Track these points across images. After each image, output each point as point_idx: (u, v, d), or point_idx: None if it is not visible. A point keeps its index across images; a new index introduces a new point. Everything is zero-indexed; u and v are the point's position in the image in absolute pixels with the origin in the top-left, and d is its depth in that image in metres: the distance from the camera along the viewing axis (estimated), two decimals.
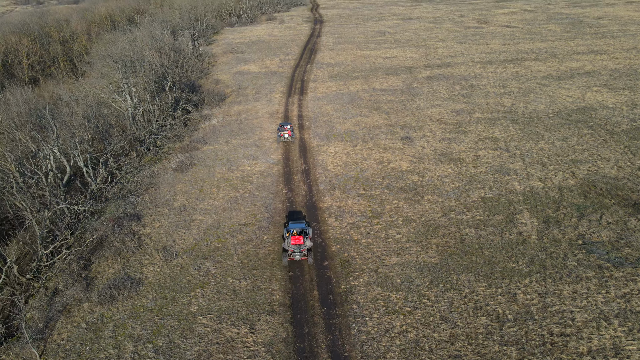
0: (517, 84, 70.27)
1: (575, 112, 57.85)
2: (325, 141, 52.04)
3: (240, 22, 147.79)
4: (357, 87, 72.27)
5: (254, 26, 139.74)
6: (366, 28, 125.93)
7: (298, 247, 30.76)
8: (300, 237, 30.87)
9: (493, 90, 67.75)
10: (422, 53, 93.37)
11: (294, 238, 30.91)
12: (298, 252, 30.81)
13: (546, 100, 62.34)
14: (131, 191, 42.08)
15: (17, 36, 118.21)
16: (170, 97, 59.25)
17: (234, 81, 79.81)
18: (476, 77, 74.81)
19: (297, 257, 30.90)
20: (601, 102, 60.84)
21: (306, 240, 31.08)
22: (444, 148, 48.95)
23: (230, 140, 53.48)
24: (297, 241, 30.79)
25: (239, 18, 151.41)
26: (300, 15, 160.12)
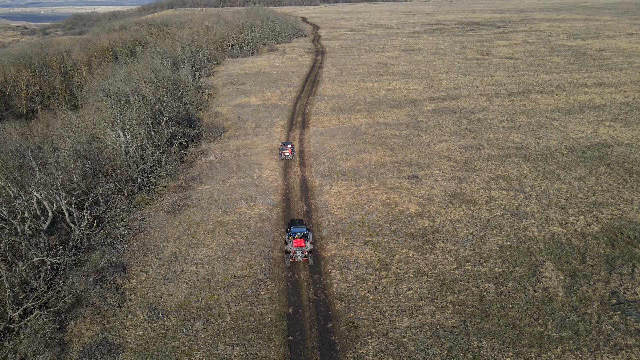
0: (525, 118, 67.88)
1: (590, 148, 55.14)
2: (327, 180, 49.15)
3: (242, 54, 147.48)
4: (361, 120, 69.93)
5: (256, 57, 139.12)
6: (368, 59, 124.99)
7: (299, 249, 33.64)
8: (301, 240, 33.79)
9: (501, 125, 65.30)
10: (426, 85, 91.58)
11: (296, 241, 33.83)
12: (299, 254, 33.67)
13: (558, 136, 59.75)
14: (118, 237, 38.95)
15: (17, 67, 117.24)
16: (166, 132, 56.78)
17: (234, 114, 77.63)
18: (483, 111, 72.55)
19: (298, 258, 33.79)
20: (615, 138, 58.22)
21: (307, 243, 33.94)
22: (454, 188, 45.99)
23: (228, 178, 50.63)
24: (299, 244, 33.72)
25: (240, 49, 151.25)
26: (301, 46, 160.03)
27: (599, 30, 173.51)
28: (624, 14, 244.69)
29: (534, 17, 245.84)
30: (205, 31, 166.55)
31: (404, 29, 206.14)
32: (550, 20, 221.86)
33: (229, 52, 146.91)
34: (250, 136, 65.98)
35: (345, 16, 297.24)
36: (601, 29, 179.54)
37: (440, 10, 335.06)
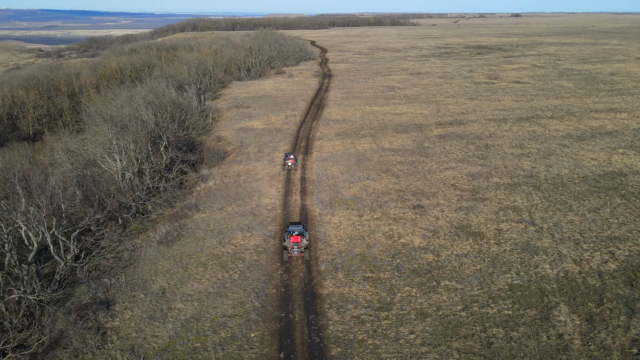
0: (535, 144, 65.82)
1: (603, 177, 52.84)
2: (328, 209, 47.23)
3: (249, 76, 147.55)
4: (365, 146, 68.28)
5: (262, 80, 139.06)
6: (375, 83, 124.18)
7: (296, 244, 37.04)
8: (298, 237, 37.10)
9: (510, 151, 63.26)
10: (433, 109, 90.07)
11: (293, 238, 37.10)
12: (296, 249, 37.06)
13: (569, 164, 57.54)
14: (107, 269, 37.14)
15: (25, 90, 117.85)
16: (165, 157, 55.46)
17: (237, 138, 76.41)
18: (491, 136, 70.63)
19: (295, 253, 37.21)
20: (630, 167, 55.90)
21: (303, 240, 37.26)
22: (460, 219, 43.81)
23: (225, 206, 48.90)
24: (296, 240, 37.03)
25: (247, 72, 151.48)
26: (309, 69, 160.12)
27: (608, 55, 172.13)
28: (634, 38, 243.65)
29: (542, 41, 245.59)
30: (213, 54, 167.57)
31: (411, 52, 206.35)
32: (558, 44, 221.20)
33: (236, 75, 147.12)
34: (251, 161, 64.50)
35: (354, 40, 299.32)
36: (610, 53, 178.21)
37: (448, 34, 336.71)
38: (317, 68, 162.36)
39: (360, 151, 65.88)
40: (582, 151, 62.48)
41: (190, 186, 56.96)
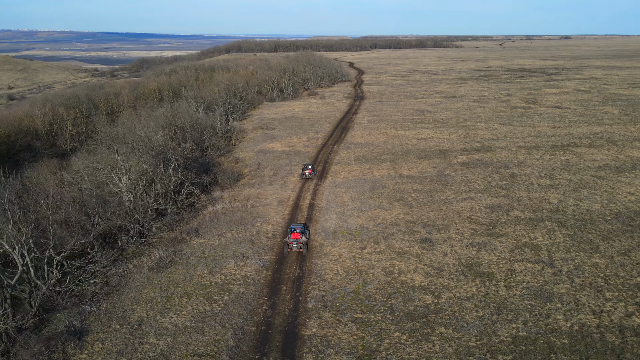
0: (566, 175, 61.09)
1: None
2: (331, 239, 44.80)
3: (282, 97, 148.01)
4: (383, 172, 65.57)
5: (293, 101, 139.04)
6: (406, 106, 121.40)
7: (295, 241, 41.12)
8: (298, 234, 41.13)
9: (538, 182, 58.90)
10: (461, 135, 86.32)
11: (293, 234, 41.26)
12: (295, 244, 41.15)
13: (602, 198, 52.71)
14: (91, 295, 36.13)
15: (65, 107, 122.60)
16: (174, 179, 54.88)
17: (255, 160, 75.50)
18: (519, 165, 66.33)
19: (294, 248, 41.32)
20: None
21: (302, 237, 41.24)
22: (470, 257, 40.32)
23: (226, 232, 47.37)
24: (296, 236, 41.18)
25: (281, 93, 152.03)
26: (342, 91, 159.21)
27: None
28: None
29: (590, 64, 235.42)
30: (249, 75, 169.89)
31: (449, 75, 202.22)
32: (607, 68, 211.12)
33: (268, 96, 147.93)
34: (264, 185, 63.10)
35: (393, 62, 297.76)
36: None
37: (491, 56, 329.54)
38: (351, 90, 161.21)
39: (376, 177, 63.23)
40: (619, 184, 57.33)
41: (198, 209, 56.01)
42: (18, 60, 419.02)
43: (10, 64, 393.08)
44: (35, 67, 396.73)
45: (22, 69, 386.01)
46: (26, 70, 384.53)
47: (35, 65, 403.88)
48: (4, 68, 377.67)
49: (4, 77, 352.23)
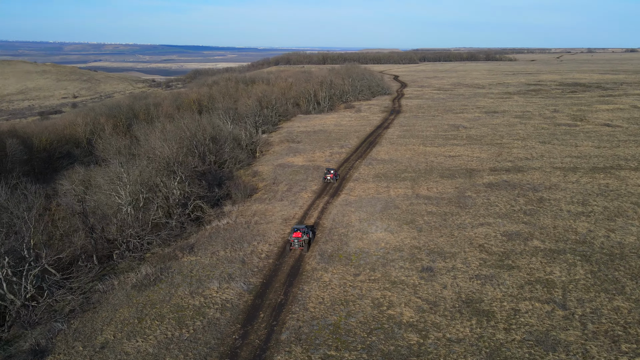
0: (602, 202, 55.37)
1: None
2: (325, 264, 42.16)
3: (317, 110, 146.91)
4: (400, 191, 62.17)
5: (328, 114, 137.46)
6: (441, 121, 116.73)
7: (297, 239, 43.53)
8: (299, 233, 43.83)
9: (567, 208, 53.64)
10: (493, 153, 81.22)
11: (295, 233, 43.91)
12: (297, 243, 43.68)
13: (639, 231, 47.00)
14: (68, 312, 35.36)
15: (106, 117, 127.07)
16: (178, 192, 54.19)
17: (272, 174, 74.09)
18: (550, 188, 61.00)
19: (295, 246, 43.77)
20: None
21: (304, 236, 43.82)
22: (472, 291, 36.49)
23: (220, 250, 45.78)
24: (297, 235, 43.76)
25: (317, 105, 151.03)
26: (379, 104, 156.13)
27: None
28: None
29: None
30: (288, 87, 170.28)
31: (496, 89, 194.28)
32: None
33: (304, 108, 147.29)
34: (274, 201, 61.36)
35: (439, 75, 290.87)
36: None
37: (545, 69, 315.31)
38: (388, 103, 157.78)
39: (391, 197, 59.93)
40: None
41: (205, 223, 54.95)
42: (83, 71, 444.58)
43: (76, 75, 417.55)
44: (98, 78, 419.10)
45: (87, 79, 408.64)
46: (90, 80, 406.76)
47: (98, 76, 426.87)
48: (70, 78, 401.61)
49: (70, 86, 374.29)
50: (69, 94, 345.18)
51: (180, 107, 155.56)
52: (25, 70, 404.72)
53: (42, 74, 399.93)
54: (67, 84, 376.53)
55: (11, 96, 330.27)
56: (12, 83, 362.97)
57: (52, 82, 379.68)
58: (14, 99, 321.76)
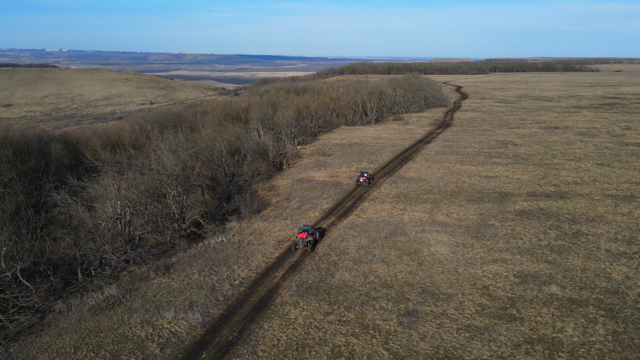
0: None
1: None
2: (299, 297, 37.76)
3: (364, 121, 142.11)
4: (415, 215, 56.26)
5: (372, 126, 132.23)
6: (491, 136, 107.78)
7: (301, 240, 45.37)
8: (304, 234, 45.75)
9: (607, 247, 45.35)
10: (537, 174, 72.51)
11: (300, 234, 45.78)
12: (301, 243, 45.52)
13: None
14: (14, 333, 33.71)
15: (151, 124, 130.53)
16: (173, 207, 52.14)
17: (288, 190, 70.63)
18: (592, 220, 52.46)
19: (300, 246, 45.71)
20: None
21: (309, 237, 45.69)
22: (455, 346, 30.56)
23: (195, 273, 42.77)
24: (302, 236, 45.72)
25: (364, 116, 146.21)
26: (430, 117, 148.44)
27: None
28: None
29: None
30: (337, 97, 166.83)
31: (565, 102, 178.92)
32: None
33: (349, 119, 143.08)
34: (278, 219, 57.75)
35: (506, 86, 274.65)
36: None
37: (629, 81, 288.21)
38: (440, 116, 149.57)
39: (403, 221, 54.23)
40: None
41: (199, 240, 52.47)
42: (161, 79, 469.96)
43: (154, 82, 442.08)
44: (174, 86, 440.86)
45: (163, 87, 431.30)
46: (166, 88, 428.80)
47: (174, 84, 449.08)
48: (149, 86, 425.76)
49: (148, 93, 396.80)
50: (146, 100, 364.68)
51: (228, 115, 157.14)
52: (110, 78, 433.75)
53: (125, 82, 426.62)
54: (146, 91, 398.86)
55: (97, 102, 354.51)
56: (98, 90, 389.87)
57: (133, 89, 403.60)
58: (99, 105, 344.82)
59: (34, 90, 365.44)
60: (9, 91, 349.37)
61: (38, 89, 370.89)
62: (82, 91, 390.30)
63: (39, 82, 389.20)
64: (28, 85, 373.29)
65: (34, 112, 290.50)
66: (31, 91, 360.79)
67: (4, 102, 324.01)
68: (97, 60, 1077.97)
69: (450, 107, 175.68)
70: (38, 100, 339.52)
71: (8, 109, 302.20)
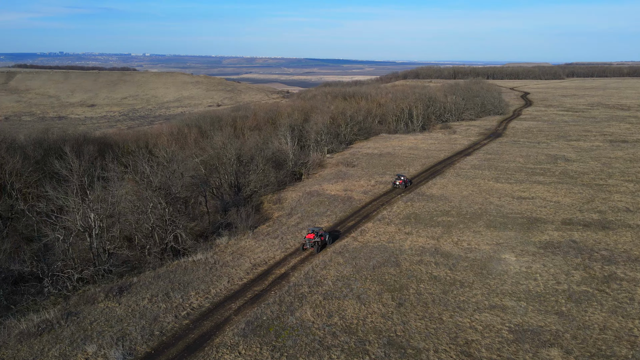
0: None
1: None
2: (242, 338, 32.52)
3: (408, 129, 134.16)
4: (420, 241, 49.20)
5: (413, 135, 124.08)
6: (542, 149, 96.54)
7: (309, 240, 46.45)
8: (312, 235, 46.63)
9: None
10: (582, 197, 62.33)
11: (308, 235, 46.82)
12: (308, 244, 46.60)
13: None
14: None
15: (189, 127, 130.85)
16: (152, 219, 48.88)
17: (293, 203, 65.67)
18: (634, 262, 42.88)
19: (307, 246, 46.76)
20: None
21: (316, 238, 46.49)
22: None
23: (145, 299, 38.75)
24: (310, 236, 46.63)
25: (410, 123, 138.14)
26: (481, 126, 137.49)
27: None
28: None
29: None
30: (385, 103, 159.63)
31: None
32: None
33: (392, 127, 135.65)
34: (267, 238, 52.93)
35: (580, 92, 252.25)
36: None
37: None
38: (493, 125, 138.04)
39: (402, 248, 47.40)
40: None
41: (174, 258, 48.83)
42: (228, 82, 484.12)
43: (222, 85, 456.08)
44: (240, 89, 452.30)
45: (230, 89, 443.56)
46: (233, 91, 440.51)
47: (240, 87, 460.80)
48: (217, 88, 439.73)
49: (216, 96, 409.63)
50: (214, 102, 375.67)
51: (269, 120, 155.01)
52: (183, 81, 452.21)
53: (196, 85, 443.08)
54: (214, 94, 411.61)
55: (169, 103, 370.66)
56: (171, 92, 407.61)
57: (202, 91, 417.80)
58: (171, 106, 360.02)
59: (114, 91, 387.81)
60: (93, 92, 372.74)
61: (118, 90, 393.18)
62: (156, 93, 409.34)
63: (120, 84, 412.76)
64: (110, 87, 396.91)
65: (113, 112, 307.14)
66: (112, 92, 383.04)
67: (88, 102, 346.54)
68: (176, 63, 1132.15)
69: (508, 115, 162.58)
70: (118, 101, 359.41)
71: (91, 109, 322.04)
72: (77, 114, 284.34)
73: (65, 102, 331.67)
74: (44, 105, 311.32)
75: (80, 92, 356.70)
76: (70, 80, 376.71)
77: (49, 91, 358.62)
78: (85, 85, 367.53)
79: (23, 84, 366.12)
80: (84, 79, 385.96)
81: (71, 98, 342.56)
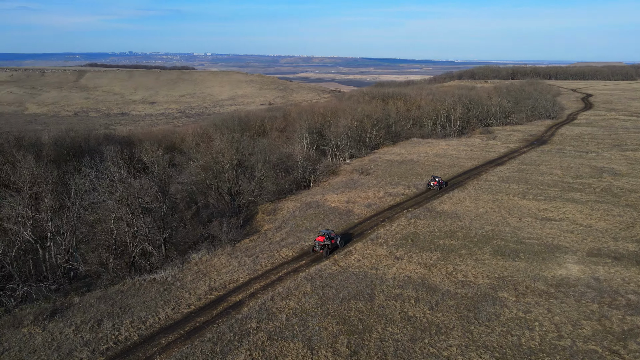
0: None
1: None
2: None
3: (443, 133, 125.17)
4: (409, 269, 42.37)
5: (446, 140, 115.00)
6: (589, 160, 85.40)
7: (318, 243, 45.87)
8: (322, 237, 45.87)
9: None
10: (621, 221, 52.72)
11: (318, 237, 46.27)
12: (318, 246, 45.86)
13: None
14: None
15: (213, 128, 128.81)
16: (115, 232, 45.25)
17: (287, 215, 60.38)
18: None
19: (317, 249, 45.91)
20: None
21: (326, 241, 45.57)
22: None
23: (73, 326, 34.84)
24: (320, 239, 45.92)
25: (448, 127, 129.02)
26: (526, 131, 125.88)
27: None
28: None
29: None
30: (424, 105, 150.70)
31: None
32: None
33: (427, 131, 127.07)
34: (242, 256, 47.93)
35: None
36: None
37: None
38: (540, 130, 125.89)
39: (383, 278, 40.77)
40: None
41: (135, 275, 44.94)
42: (281, 81, 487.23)
43: (275, 84, 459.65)
44: (292, 88, 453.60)
45: (283, 88, 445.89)
46: (285, 90, 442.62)
47: (293, 86, 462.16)
48: (270, 87, 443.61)
49: (269, 94, 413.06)
50: (266, 100, 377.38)
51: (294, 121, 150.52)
52: (237, 79, 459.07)
53: (249, 83, 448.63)
54: (267, 92, 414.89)
55: (223, 101, 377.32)
56: (226, 90, 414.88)
57: (256, 90, 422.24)
58: (225, 104, 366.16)
59: (173, 89, 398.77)
60: (154, 90, 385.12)
61: (177, 88, 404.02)
62: (212, 91, 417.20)
63: (179, 82, 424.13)
64: (170, 85, 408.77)
65: (171, 110, 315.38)
66: (171, 90, 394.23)
67: (149, 99, 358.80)
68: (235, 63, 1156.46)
69: (561, 119, 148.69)
70: (176, 98, 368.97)
71: (152, 106, 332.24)
72: (138, 111, 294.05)
73: (128, 99, 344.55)
74: (109, 102, 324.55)
75: (143, 90, 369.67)
76: (134, 79, 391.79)
77: (114, 89, 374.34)
78: (147, 84, 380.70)
79: (92, 82, 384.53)
80: (147, 77, 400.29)
81: (134, 95, 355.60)
